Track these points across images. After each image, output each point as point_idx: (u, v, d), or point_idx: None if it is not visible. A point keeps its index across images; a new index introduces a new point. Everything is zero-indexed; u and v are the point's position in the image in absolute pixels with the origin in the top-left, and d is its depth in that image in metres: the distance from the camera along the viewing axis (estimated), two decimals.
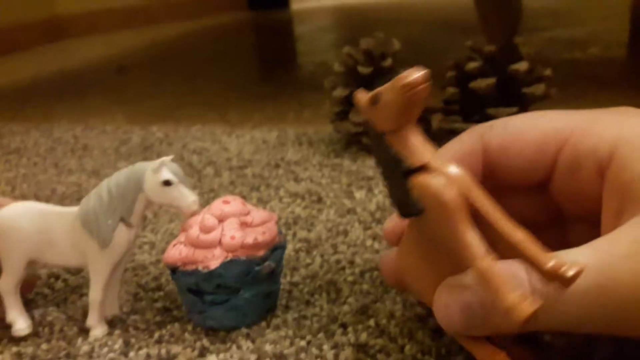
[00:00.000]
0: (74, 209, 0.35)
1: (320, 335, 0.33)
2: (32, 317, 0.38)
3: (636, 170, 0.24)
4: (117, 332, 0.35)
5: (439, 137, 0.57)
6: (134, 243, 0.36)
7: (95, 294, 0.35)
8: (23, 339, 0.36)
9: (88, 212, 0.34)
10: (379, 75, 0.56)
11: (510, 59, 0.52)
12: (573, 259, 0.22)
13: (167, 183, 0.33)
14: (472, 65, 0.52)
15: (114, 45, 1.72)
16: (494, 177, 0.29)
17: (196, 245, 0.33)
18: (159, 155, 0.67)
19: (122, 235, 0.34)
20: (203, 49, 1.56)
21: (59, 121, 0.87)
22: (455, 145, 0.30)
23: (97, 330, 0.35)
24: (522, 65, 0.51)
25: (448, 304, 0.24)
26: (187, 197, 0.34)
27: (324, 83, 0.64)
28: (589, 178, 0.26)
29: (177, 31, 1.88)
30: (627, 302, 0.22)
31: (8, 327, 0.37)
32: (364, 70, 0.55)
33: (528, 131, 0.28)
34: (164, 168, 0.33)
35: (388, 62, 0.56)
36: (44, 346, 0.35)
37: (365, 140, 0.59)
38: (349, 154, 0.61)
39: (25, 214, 0.35)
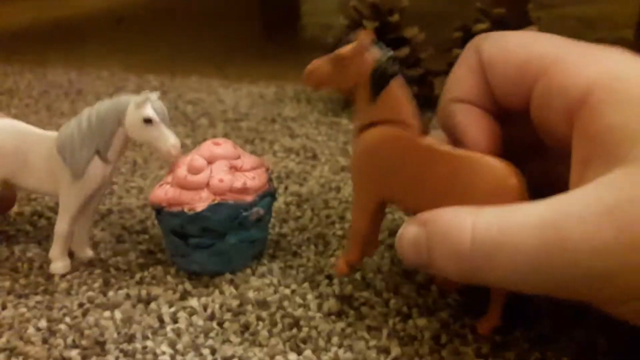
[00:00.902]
0: (55, 134, 0.34)
1: (305, 285, 0.32)
2: (12, 252, 0.37)
3: (607, 119, 0.22)
4: (97, 271, 0.35)
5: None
6: (109, 180, 0.35)
7: (61, 225, 0.34)
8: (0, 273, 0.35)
9: (65, 139, 0.32)
10: (384, 31, 0.54)
11: (519, 23, 0.51)
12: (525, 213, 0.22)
13: (148, 121, 0.32)
14: (480, 27, 0.51)
15: None
16: (489, 92, 0.27)
17: (183, 186, 0.32)
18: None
19: (96, 169, 0.33)
20: (204, 5, 1.53)
21: (54, 66, 0.85)
22: (459, 62, 0.29)
23: (58, 263, 0.34)
24: (532, 29, 0.50)
25: (402, 236, 0.26)
26: (168, 138, 0.32)
27: (328, 40, 0.62)
28: (556, 119, 0.24)
29: None
30: (575, 265, 0.21)
31: None
32: (369, 24, 0.54)
33: (514, 50, 0.26)
34: (148, 104, 0.32)
35: (395, 17, 0.54)
36: (22, 281, 0.34)
37: None
38: (347, 113, 0.59)
39: (4, 132, 0.34)
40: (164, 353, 0.28)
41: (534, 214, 0.22)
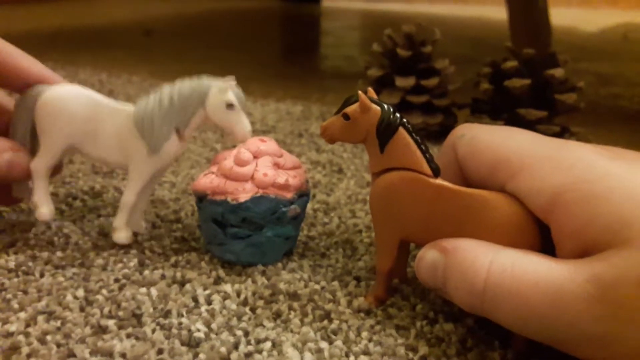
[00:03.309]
0: (129, 107, 0.34)
1: (334, 283, 0.33)
2: (49, 227, 0.38)
3: (588, 215, 0.24)
4: (132, 251, 0.36)
5: None
6: (179, 157, 0.36)
7: (128, 196, 0.35)
8: (37, 244, 0.36)
9: (145, 114, 0.33)
10: (417, 60, 0.56)
11: (547, 64, 0.53)
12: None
13: (230, 106, 0.33)
14: (509, 64, 0.53)
15: (140, 11, 1.73)
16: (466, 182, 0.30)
17: (228, 176, 0.34)
18: None
19: (172, 145, 0.34)
20: (229, 27, 1.57)
21: (84, 67, 0.88)
22: (440, 154, 0.32)
23: (122, 232, 0.35)
24: (557, 72, 0.52)
25: (422, 258, 0.28)
26: (245, 125, 0.34)
27: (351, 70, 0.64)
28: (535, 214, 0.27)
29: (205, 7, 1.88)
30: (575, 329, 0.23)
31: (25, 230, 0.38)
32: (403, 52, 0.56)
33: (484, 152, 0.29)
34: (230, 91, 0.33)
35: (428, 49, 0.57)
36: (59, 254, 0.35)
37: None
38: None
39: (77, 99, 0.34)
40: (198, 330, 0.29)
41: (544, 271, 0.24)
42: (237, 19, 1.75)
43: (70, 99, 0.34)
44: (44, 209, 0.35)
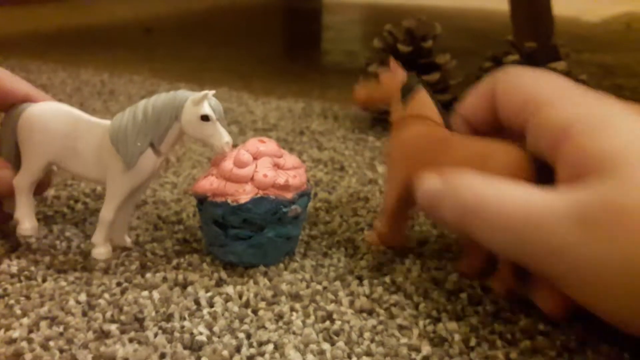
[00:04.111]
0: (107, 122, 0.34)
1: (337, 283, 0.33)
2: (51, 231, 0.38)
3: (590, 146, 0.26)
4: (134, 254, 0.36)
5: None
6: (157, 173, 0.35)
7: (106, 212, 0.34)
8: (39, 248, 0.36)
9: (119, 129, 0.33)
10: (417, 56, 0.56)
11: (548, 57, 0.53)
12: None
13: (205, 118, 0.33)
14: (511, 58, 0.53)
15: (140, 9, 1.72)
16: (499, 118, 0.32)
17: (228, 178, 0.33)
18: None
19: (148, 160, 0.33)
20: (230, 24, 1.56)
21: (86, 66, 0.88)
22: (477, 88, 0.34)
23: (101, 249, 0.35)
24: (559, 65, 0.51)
25: (423, 182, 0.30)
26: (222, 136, 0.33)
27: (352, 65, 0.64)
28: (545, 149, 0.28)
29: (206, 4, 1.88)
30: (544, 243, 0.25)
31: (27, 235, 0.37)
32: (404, 48, 0.56)
33: (517, 89, 0.31)
34: (205, 102, 0.33)
35: (429, 43, 0.56)
36: (61, 257, 0.35)
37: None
38: (374, 132, 0.61)
39: (56, 115, 0.34)
40: (201, 333, 0.29)
41: (529, 196, 0.26)
42: (239, 15, 1.74)
43: (49, 116, 0.34)
44: (26, 225, 0.35)
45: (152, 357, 0.27)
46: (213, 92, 0.34)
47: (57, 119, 0.35)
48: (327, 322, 0.30)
